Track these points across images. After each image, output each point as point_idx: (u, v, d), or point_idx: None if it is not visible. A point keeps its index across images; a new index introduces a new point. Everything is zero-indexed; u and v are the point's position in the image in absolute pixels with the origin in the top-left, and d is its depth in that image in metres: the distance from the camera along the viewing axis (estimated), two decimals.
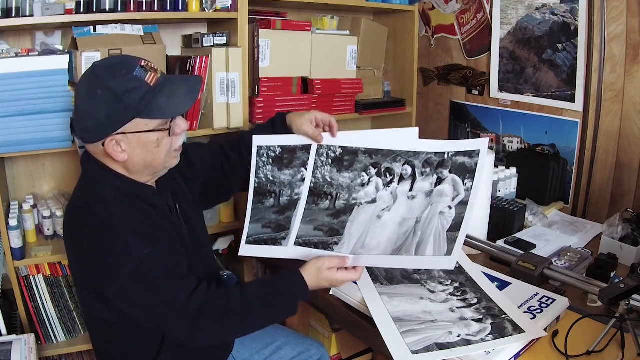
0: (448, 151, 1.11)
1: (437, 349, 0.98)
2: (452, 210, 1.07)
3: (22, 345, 1.38)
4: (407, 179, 1.14)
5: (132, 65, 1.04)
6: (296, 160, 1.23)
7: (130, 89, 1.02)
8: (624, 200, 1.86)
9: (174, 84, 1.10)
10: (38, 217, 1.72)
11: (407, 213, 1.12)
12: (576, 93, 1.94)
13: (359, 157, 1.20)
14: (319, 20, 2.19)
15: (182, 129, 1.13)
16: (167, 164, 1.16)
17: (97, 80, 1.03)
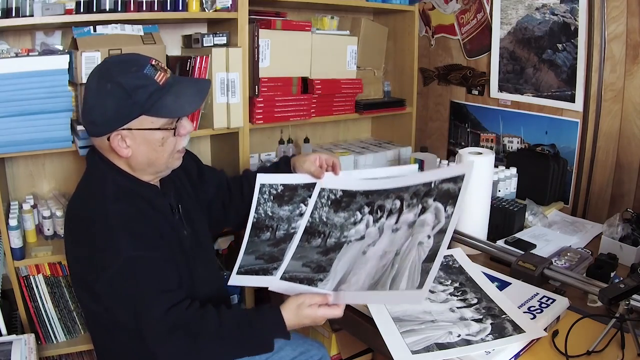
0: (435, 180, 1.13)
1: (437, 349, 0.98)
2: (430, 240, 1.06)
3: (22, 345, 1.38)
4: (394, 212, 1.15)
5: (143, 64, 1.07)
6: (296, 197, 1.25)
7: (139, 86, 1.04)
8: (624, 200, 1.86)
9: (183, 85, 1.11)
10: (38, 217, 1.72)
11: (388, 246, 1.11)
12: (576, 93, 1.94)
13: (356, 198, 1.23)
14: (319, 20, 2.19)
15: (187, 130, 1.15)
16: (170, 164, 1.17)
17: (108, 74, 1.05)
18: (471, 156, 1.44)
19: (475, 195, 1.45)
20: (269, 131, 2.29)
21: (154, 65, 1.08)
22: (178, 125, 1.12)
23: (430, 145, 2.48)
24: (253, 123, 1.92)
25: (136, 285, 1.02)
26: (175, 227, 1.21)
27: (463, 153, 1.45)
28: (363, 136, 2.66)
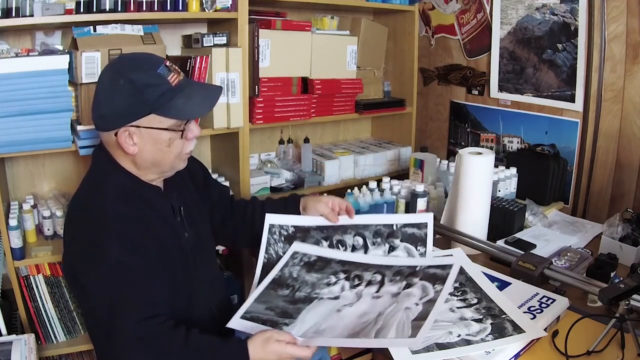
0: (421, 265, 1.16)
1: (437, 349, 0.98)
2: (418, 306, 1.04)
3: (22, 345, 1.38)
4: (374, 284, 1.15)
5: (157, 63, 1.08)
6: (309, 239, 1.25)
7: (151, 84, 1.05)
8: (624, 200, 1.86)
9: (194, 89, 1.12)
10: (38, 217, 1.72)
11: (369, 308, 1.08)
12: (576, 93, 1.94)
13: (331, 264, 1.23)
14: (319, 20, 2.19)
15: (195, 134, 1.15)
16: (175, 166, 1.18)
17: (121, 70, 1.06)
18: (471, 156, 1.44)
19: (475, 195, 1.45)
20: (269, 131, 2.30)
21: (167, 66, 1.09)
22: (186, 129, 1.13)
23: (430, 145, 2.49)
24: (253, 123, 1.92)
25: (117, 289, 1.02)
26: (176, 229, 1.21)
27: (463, 153, 1.45)
28: (363, 136, 2.66)
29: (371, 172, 2.28)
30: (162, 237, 1.14)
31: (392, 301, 1.08)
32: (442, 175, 1.91)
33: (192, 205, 1.30)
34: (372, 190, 1.77)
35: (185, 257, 1.20)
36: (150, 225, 1.12)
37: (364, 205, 1.70)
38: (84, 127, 1.54)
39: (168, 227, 1.18)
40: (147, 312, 1.01)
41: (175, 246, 1.18)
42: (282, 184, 2.08)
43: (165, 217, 1.19)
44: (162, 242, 1.14)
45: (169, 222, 1.19)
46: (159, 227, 1.15)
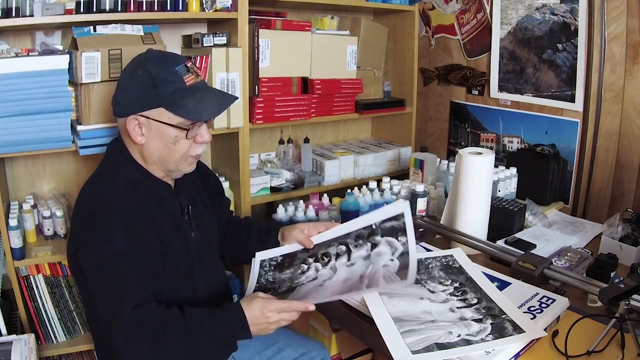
0: (375, 222, 1.17)
1: (437, 349, 0.98)
2: (394, 262, 1.07)
3: (22, 345, 1.38)
4: (342, 254, 1.19)
5: (178, 62, 1.13)
6: (297, 260, 1.28)
7: (166, 80, 1.10)
8: (624, 200, 1.86)
9: (208, 93, 1.16)
10: (38, 217, 1.72)
11: (350, 275, 1.13)
12: (576, 93, 1.94)
13: (297, 256, 1.27)
14: (319, 20, 2.19)
15: (204, 139, 1.18)
16: (181, 167, 1.19)
17: (144, 63, 1.12)
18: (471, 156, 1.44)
19: (475, 195, 1.45)
20: (269, 131, 2.30)
21: (187, 67, 1.13)
22: (196, 132, 1.15)
23: (430, 145, 2.49)
24: (253, 123, 1.92)
25: (117, 277, 1.04)
26: (183, 228, 1.22)
27: (463, 153, 1.45)
28: (363, 136, 2.66)
29: (371, 172, 2.28)
30: (167, 234, 1.15)
31: (367, 264, 1.12)
32: (442, 175, 1.91)
33: (201, 207, 1.31)
34: (372, 190, 1.77)
35: (190, 256, 1.21)
36: (156, 220, 1.14)
37: (364, 205, 1.70)
38: (84, 127, 1.54)
39: (174, 224, 1.19)
40: (143, 299, 1.03)
41: (180, 244, 1.19)
42: (282, 184, 2.08)
43: (173, 214, 1.20)
44: (166, 238, 1.15)
45: (176, 219, 1.20)
46: (165, 223, 1.16)
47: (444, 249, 1.41)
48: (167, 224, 1.17)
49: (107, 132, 1.55)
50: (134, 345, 1.01)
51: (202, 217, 1.29)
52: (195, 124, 1.14)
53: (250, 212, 1.99)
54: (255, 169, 2.17)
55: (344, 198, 1.70)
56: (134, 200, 1.11)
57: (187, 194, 1.27)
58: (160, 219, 1.15)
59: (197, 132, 1.16)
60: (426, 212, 1.70)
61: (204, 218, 1.30)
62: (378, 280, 1.06)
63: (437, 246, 1.47)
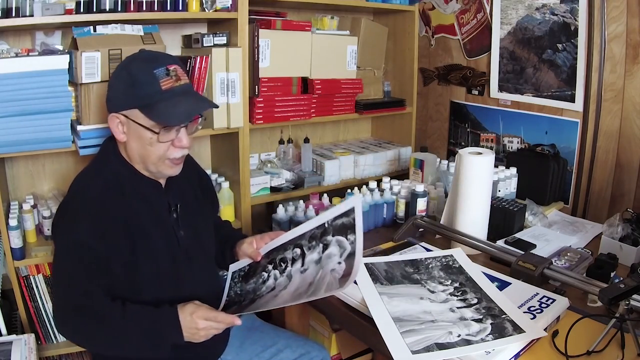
0: (327, 220, 1.14)
1: (437, 349, 0.98)
2: (341, 265, 1.06)
3: (22, 345, 1.38)
4: (298, 258, 1.17)
5: (161, 64, 1.12)
6: (259, 268, 1.27)
7: (143, 82, 1.10)
8: (624, 200, 1.86)
9: (185, 98, 1.14)
10: (38, 217, 1.72)
11: (300, 283, 1.12)
12: (576, 93, 1.94)
13: (260, 263, 1.27)
14: (319, 20, 2.19)
15: (182, 144, 1.16)
16: (161, 169, 1.18)
17: (130, 63, 1.14)
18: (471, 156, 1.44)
19: (475, 195, 1.45)
20: (269, 131, 2.30)
21: (168, 70, 1.12)
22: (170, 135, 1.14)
23: (430, 145, 2.49)
24: (253, 123, 1.92)
25: (72, 265, 1.09)
26: (169, 226, 1.22)
27: (463, 153, 1.45)
28: (363, 136, 2.66)
29: (371, 172, 2.28)
30: (149, 231, 1.17)
31: (317, 268, 1.11)
32: (442, 175, 1.91)
33: (194, 206, 1.31)
34: (372, 190, 1.77)
35: (175, 254, 1.21)
36: (136, 217, 1.15)
37: (364, 205, 1.70)
38: (84, 127, 1.54)
39: (159, 222, 1.20)
40: (90, 290, 1.07)
41: (163, 243, 1.19)
42: (282, 184, 2.08)
43: (159, 212, 1.21)
44: (147, 236, 1.16)
45: (161, 218, 1.21)
46: (148, 221, 1.17)
47: (444, 249, 1.41)
48: (150, 221, 1.18)
49: (107, 132, 1.52)
50: (72, 328, 1.08)
51: (193, 216, 1.29)
52: (169, 129, 1.13)
53: (250, 212, 1.99)
54: (255, 169, 2.17)
55: (344, 198, 1.69)
56: (112, 197, 1.13)
57: (179, 192, 1.27)
58: (143, 216, 1.17)
59: (173, 137, 1.14)
60: (426, 212, 1.70)
61: (196, 217, 1.30)
62: (321, 288, 1.04)
63: (437, 246, 1.47)
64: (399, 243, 1.52)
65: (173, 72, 1.13)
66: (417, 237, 1.59)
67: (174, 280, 1.21)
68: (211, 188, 1.48)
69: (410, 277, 1.26)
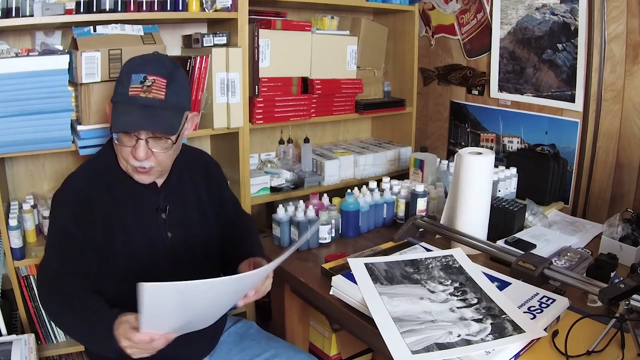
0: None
1: (437, 349, 0.98)
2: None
3: (22, 345, 1.38)
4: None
5: (143, 71, 1.12)
6: None
7: (121, 81, 1.13)
8: (624, 200, 1.86)
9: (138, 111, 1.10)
10: (38, 217, 1.72)
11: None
12: (576, 93, 1.94)
13: None
14: (319, 20, 2.19)
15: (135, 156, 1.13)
16: (130, 172, 1.19)
17: (130, 60, 1.17)
18: (471, 156, 1.44)
19: (475, 195, 1.45)
20: (269, 131, 2.30)
21: (145, 78, 1.11)
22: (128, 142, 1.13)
23: (430, 145, 2.49)
24: (253, 123, 1.92)
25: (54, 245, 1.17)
26: (153, 226, 1.23)
27: (463, 153, 1.46)
28: (363, 136, 2.66)
29: (371, 172, 2.28)
30: (130, 228, 1.19)
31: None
32: (442, 175, 1.91)
33: (192, 207, 1.30)
34: (372, 190, 1.77)
35: (157, 255, 1.22)
36: (118, 212, 1.18)
37: (364, 205, 1.70)
38: (84, 127, 1.54)
39: (144, 221, 1.22)
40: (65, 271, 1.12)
41: (144, 241, 1.21)
42: (282, 184, 2.08)
43: (145, 211, 1.22)
44: (128, 232, 1.19)
45: (147, 217, 1.22)
46: (132, 218, 1.20)
47: (444, 249, 1.41)
48: (133, 219, 1.20)
49: (107, 132, 1.54)
50: (47, 305, 1.17)
51: (187, 219, 1.28)
52: (123, 135, 1.12)
53: (250, 212, 1.99)
54: (255, 169, 2.17)
55: (344, 198, 1.70)
56: (95, 188, 1.18)
57: (174, 193, 1.26)
58: (125, 213, 1.19)
59: (131, 144, 1.12)
60: (426, 212, 1.70)
61: (191, 220, 1.29)
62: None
63: (437, 246, 1.47)
64: (399, 243, 1.52)
65: (148, 82, 1.10)
66: (417, 237, 1.59)
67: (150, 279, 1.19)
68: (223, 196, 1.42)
69: (410, 277, 1.26)
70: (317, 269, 1.42)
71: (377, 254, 1.41)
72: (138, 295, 0.87)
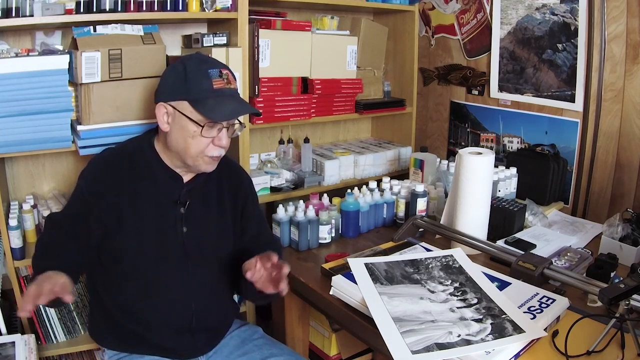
0: None
1: (437, 349, 0.98)
2: None
3: (22, 345, 1.38)
4: None
5: (215, 67, 1.22)
6: None
7: (197, 78, 1.19)
8: (624, 200, 1.86)
9: (232, 100, 1.23)
10: (38, 217, 1.72)
11: None
12: (576, 93, 1.94)
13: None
14: (319, 20, 2.19)
15: (221, 144, 1.23)
16: (198, 164, 1.24)
17: (186, 59, 1.23)
18: (471, 156, 1.44)
19: (475, 195, 1.45)
20: (269, 131, 2.30)
21: (221, 73, 1.21)
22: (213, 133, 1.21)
23: (430, 145, 2.49)
24: (253, 123, 1.92)
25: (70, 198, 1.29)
26: (172, 219, 1.25)
27: (463, 153, 1.46)
28: (363, 136, 2.66)
29: (371, 172, 2.28)
30: (141, 212, 1.23)
31: None
32: (442, 175, 1.92)
33: (212, 209, 1.32)
34: (372, 190, 1.77)
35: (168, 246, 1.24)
36: (134, 194, 1.23)
37: (364, 205, 1.70)
38: (84, 127, 1.54)
39: (159, 210, 1.25)
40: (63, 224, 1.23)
41: (157, 229, 1.24)
42: (282, 184, 2.08)
43: (163, 202, 1.26)
44: (139, 215, 1.23)
45: (165, 208, 1.25)
46: (147, 205, 1.24)
47: (444, 249, 1.41)
48: (150, 207, 1.24)
49: (107, 132, 1.55)
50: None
51: (206, 218, 1.30)
52: (213, 125, 1.20)
53: None
54: (255, 169, 2.17)
55: (344, 198, 1.70)
56: (120, 166, 1.25)
57: (198, 192, 1.30)
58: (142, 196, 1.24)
59: (214, 135, 1.21)
60: (426, 212, 1.70)
61: (209, 221, 1.31)
62: None
63: (437, 246, 1.47)
64: (399, 243, 1.52)
65: (225, 75, 1.21)
66: (417, 237, 1.59)
67: (159, 267, 1.24)
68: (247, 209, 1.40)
69: (410, 277, 1.26)
70: (317, 269, 1.42)
71: (377, 254, 1.41)
72: None
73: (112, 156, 1.28)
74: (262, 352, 1.35)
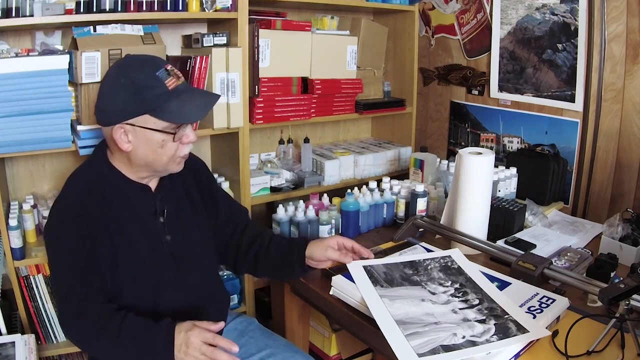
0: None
1: (443, 351, 0.97)
2: None
3: (22, 345, 1.38)
4: None
5: (159, 66, 1.13)
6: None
7: (149, 86, 1.10)
8: (624, 200, 1.86)
9: (191, 95, 1.16)
10: (38, 217, 1.72)
11: None
12: (576, 93, 1.94)
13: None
14: (319, 20, 2.19)
15: (190, 140, 1.19)
16: (169, 168, 1.20)
17: (125, 69, 1.13)
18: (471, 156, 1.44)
19: (475, 195, 1.45)
20: (269, 131, 2.30)
21: (167, 70, 1.13)
22: (182, 133, 1.16)
23: (430, 145, 2.49)
24: (253, 123, 1.92)
25: (65, 270, 1.11)
26: (154, 231, 1.23)
27: (463, 153, 1.46)
28: (363, 136, 2.66)
29: (371, 172, 2.28)
30: (130, 235, 1.18)
31: None
32: (442, 175, 1.92)
33: (187, 210, 1.31)
34: (372, 190, 1.77)
35: (159, 259, 1.22)
36: (116, 220, 1.16)
37: (364, 206, 1.70)
38: (84, 127, 1.54)
39: (143, 226, 1.21)
40: (88, 293, 1.09)
41: (145, 246, 1.20)
42: (282, 184, 2.08)
43: (143, 216, 1.22)
44: (128, 239, 1.17)
45: (146, 222, 1.22)
46: (130, 224, 1.19)
47: (444, 249, 1.41)
48: (133, 226, 1.19)
49: None
50: (76, 334, 1.09)
51: (183, 220, 1.29)
52: (181, 127, 1.16)
53: (251, 212, 1.98)
54: (255, 169, 2.17)
55: (344, 198, 1.70)
56: (92, 199, 1.15)
57: (169, 196, 1.27)
58: (124, 220, 1.18)
59: (182, 134, 1.17)
60: (426, 212, 1.70)
61: (186, 221, 1.29)
62: None
63: (437, 246, 1.47)
64: (399, 243, 1.52)
65: (172, 71, 1.15)
66: (417, 237, 1.59)
67: (155, 284, 1.21)
68: (213, 192, 1.42)
69: (409, 278, 1.26)
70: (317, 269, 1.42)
71: (377, 254, 1.41)
72: None
73: (82, 197, 1.15)
74: (258, 344, 1.37)
